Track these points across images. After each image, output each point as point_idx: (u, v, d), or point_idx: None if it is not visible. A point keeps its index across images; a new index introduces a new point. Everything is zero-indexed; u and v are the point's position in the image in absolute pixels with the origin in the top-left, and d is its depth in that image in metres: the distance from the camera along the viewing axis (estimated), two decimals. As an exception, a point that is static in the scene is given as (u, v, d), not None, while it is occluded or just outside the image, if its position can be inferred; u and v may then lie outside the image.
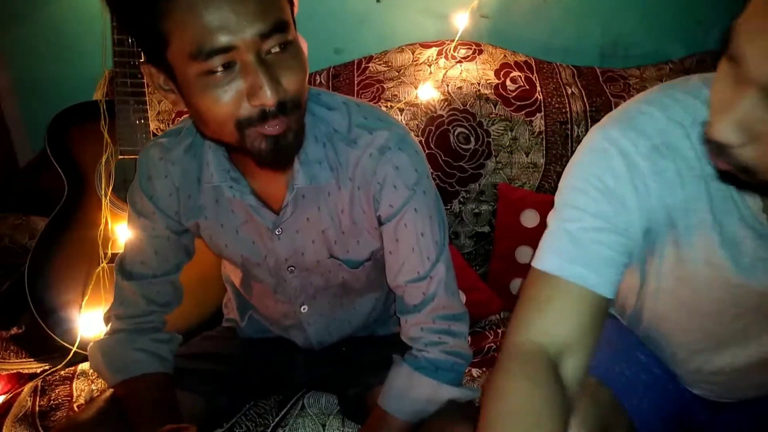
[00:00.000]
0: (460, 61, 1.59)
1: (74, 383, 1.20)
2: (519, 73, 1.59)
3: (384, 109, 1.49)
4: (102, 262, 1.28)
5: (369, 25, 1.69)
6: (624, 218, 0.69)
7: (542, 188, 1.56)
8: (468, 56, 1.61)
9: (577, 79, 1.63)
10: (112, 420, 0.88)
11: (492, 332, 1.39)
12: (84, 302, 1.28)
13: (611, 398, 0.82)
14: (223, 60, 0.66)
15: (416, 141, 0.89)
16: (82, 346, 1.25)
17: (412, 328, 0.92)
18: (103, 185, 1.33)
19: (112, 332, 0.96)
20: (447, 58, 1.60)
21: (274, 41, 0.68)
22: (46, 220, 1.32)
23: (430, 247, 0.88)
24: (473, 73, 1.57)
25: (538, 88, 1.58)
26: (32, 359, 1.29)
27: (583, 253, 0.69)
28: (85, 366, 1.24)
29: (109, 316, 0.97)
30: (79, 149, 1.36)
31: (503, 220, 1.52)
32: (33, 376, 1.25)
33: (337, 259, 0.95)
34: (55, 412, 1.12)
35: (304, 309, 1.02)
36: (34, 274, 1.28)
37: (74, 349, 1.25)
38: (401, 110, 1.53)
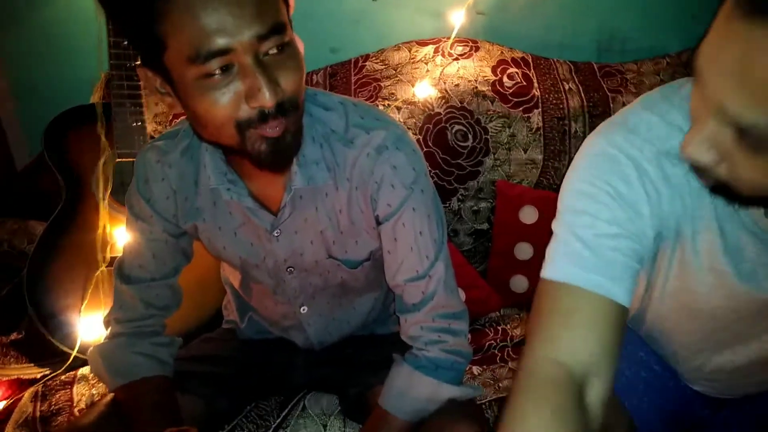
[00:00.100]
0: (456, 59, 1.59)
1: (75, 388, 1.20)
2: (516, 70, 1.59)
3: (381, 108, 1.49)
4: (101, 265, 1.28)
5: (365, 23, 1.69)
6: (638, 224, 0.67)
7: (541, 184, 1.56)
8: (465, 53, 1.60)
9: (574, 75, 1.62)
10: (113, 424, 0.88)
11: (492, 329, 1.39)
12: (83, 306, 1.28)
13: (611, 397, 0.82)
14: (220, 63, 0.66)
15: (413, 140, 0.89)
16: (82, 351, 1.24)
17: (412, 327, 0.92)
18: (100, 188, 1.32)
19: (111, 336, 0.97)
20: (444, 55, 1.59)
21: (272, 43, 0.68)
22: (45, 225, 1.32)
23: (428, 245, 0.88)
24: (470, 70, 1.57)
25: (536, 84, 1.58)
26: (32, 364, 1.29)
27: (600, 261, 0.66)
28: (85, 370, 1.24)
29: (109, 320, 0.98)
30: (76, 152, 1.36)
31: (502, 217, 1.52)
32: (33, 382, 1.25)
33: (335, 260, 0.95)
34: (56, 417, 1.12)
35: (304, 309, 1.02)
36: (33, 278, 1.27)
37: (74, 353, 1.25)
38: (398, 108, 1.52)
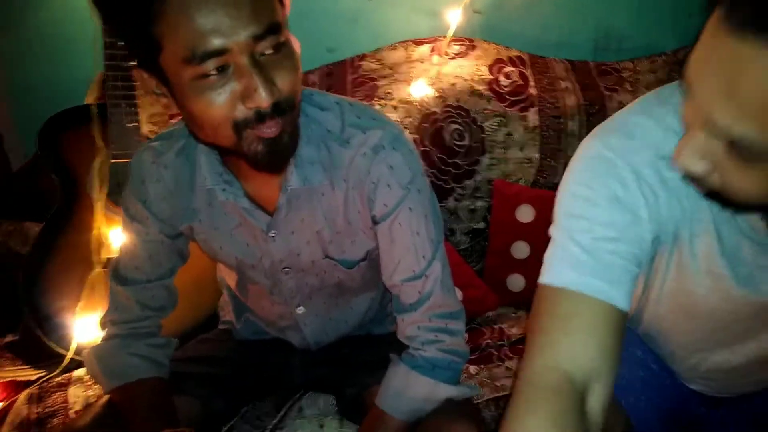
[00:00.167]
0: (453, 58, 1.59)
1: (70, 390, 1.19)
2: (512, 69, 1.59)
3: (378, 107, 1.49)
4: (97, 266, 1.27)
5: (361, 23, 1.69)
6: (636, 228, 0.67)
7: (537, 183, 1.56)
8: (461, 52, 1.60)
9: (570, 74, 1.62)
10: (109, 426, 0.88)
11: (489, 329, 1.39)
12: (79, 308, 1.27)
13: None
14: (216, 63, 0.66)
15: (410, 139, 0.88)
16: (77, 353, 1.24)
17: (409, 327, 0.92)
18: (96, 189, 1.32)
19: (107, 338, 0.96)
20: (440, 54, 1.59)
21: (268, 43, 0.67)
22: (40, 226, 1.31)
23: (425, 245, 0.88)
24: (467, 69, 1.57)
25: (532, 83, 1.58)
26: (28, 366, 1.28)
27: (599, 265, 0.66)
28: (81, 372, 1.23)
29: (105, 321, 0.97)
30: (71, 153, 1.35)
31: (498, 216, 1.52)
32: (29, 384, 1.24)
33: (332, 260, 0.95)
34: (51, 420, 1.12)
35: (300, 310, 1.02)
36: (29, 280, 1.27)
37: (70, 355, 1.24)
38: (395, 108, 1.52)
